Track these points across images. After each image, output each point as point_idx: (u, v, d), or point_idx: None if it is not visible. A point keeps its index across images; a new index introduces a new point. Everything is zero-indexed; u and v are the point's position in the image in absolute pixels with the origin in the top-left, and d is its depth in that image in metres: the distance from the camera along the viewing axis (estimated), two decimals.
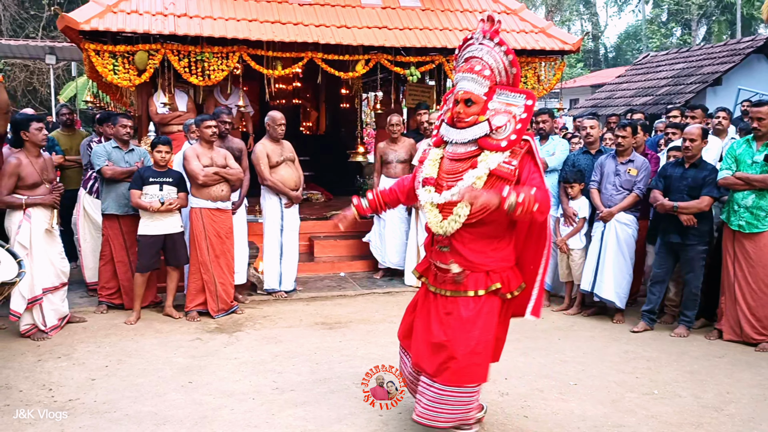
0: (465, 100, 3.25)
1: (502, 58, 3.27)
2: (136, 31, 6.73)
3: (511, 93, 3.28)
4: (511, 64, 3.28)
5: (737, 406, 4.16)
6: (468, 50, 3.37)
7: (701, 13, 30.96)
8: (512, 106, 3.25)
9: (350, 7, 7.90)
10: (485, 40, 3.29)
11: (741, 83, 12.56)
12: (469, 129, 3.26)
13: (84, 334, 5.44)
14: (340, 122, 12.96)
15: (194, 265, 5.96)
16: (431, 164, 3.42)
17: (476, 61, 3.29)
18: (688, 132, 5.48)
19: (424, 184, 3.40)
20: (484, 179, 3.20)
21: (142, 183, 5.76)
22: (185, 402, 4.12)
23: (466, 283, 3.32)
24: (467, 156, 3.29)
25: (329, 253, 8.09)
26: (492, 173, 3.20)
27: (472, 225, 3.25)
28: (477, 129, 3.25)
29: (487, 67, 3.26)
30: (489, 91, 3.27)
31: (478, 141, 3.26)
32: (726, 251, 5.44)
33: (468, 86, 3.25)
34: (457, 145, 3.32)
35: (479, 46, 3.31)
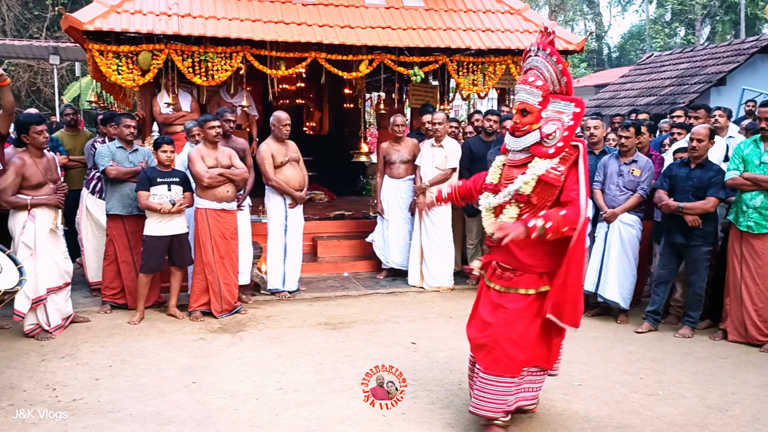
0: (521, 110, 3.48)
1: (554, 68, 3.47)
2: (140, 31, 6.74)
3: (563, 101, 3.48)
4: (562, 73, 3.47)
5: (742, 407, 4.15)
6: (527, 62, 3.59)
7: (705, 13, 30.89)
8: (562, 113, 3.45)
9: (354, 7, 7.90)
10: (540, 51, 3.50)
11: (745, 83, 12.53)
12: (523, 137, 3.49)
13: (88, 334, 5.45)
14: (344, 122, 12.97)
15: (198, 266, 5.96)
16: (494, 171, 3.67)
17: (532, 72, 3.52)
18: (695, 132, 5.46)
19: (485, 190, 3.67)
20: (532, 184, 3.41)
21: (149, 184, 5.76)
22: (189, 402, 4.12)
23: (518, 281, 3.51)
24: (522, 162, 3.51)
25: (333, 254, 8.09)
26: (540, 179, 3.40)
27: None
28: (530, 137, 3.46)
29: (540, 78, 3.48)
30: (543, 101, 3.48)
31: (531, 148, 3.46)
32: (732, 252, 5.41)
33: (523, 97, 3.49)
34: (515, 152, 3.55)
35: (535, 58, 3.53)
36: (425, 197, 7.02)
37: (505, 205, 3.52)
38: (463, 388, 4.34)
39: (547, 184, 3.40)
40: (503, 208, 3.53)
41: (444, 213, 7.07)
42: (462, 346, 5.17)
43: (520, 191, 3.43)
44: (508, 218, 3.48)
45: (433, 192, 4.07)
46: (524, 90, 3.49)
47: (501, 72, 8.07)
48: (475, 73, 8.03)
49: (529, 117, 3.46)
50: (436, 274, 7.09)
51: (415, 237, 7.20)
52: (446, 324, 5.89)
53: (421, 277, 7.16)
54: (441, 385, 4.42)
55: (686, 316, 5.63)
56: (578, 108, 3.43)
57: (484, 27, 8.13)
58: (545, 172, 3.39)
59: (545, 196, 3.41)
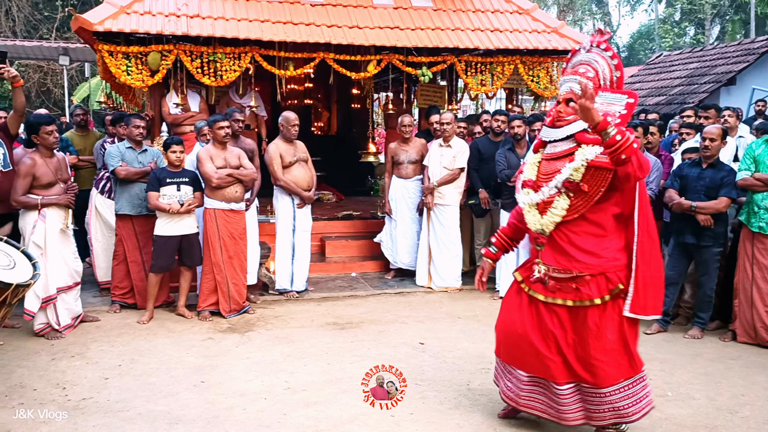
0: (567, 99, 3.40)
1: (609, 63, 3.45)
2: (149, 32, 6.77)
3: (613, 94, 3.42)
4: (616, 68, 3.44)
5: (752, 408, 4.13)
6: (575, 59, 3.58)
7: (715, 13, 30.72)
8: (612, 105, 3.38)
9: (362, 7, 7.90)
10: (593, 48, 3.49)
11: (755, 83, 12.45)
12: (566, 127, 3.39)
13: (97, 334, 5.48)
14: (352, 122, 12.98)
15: (207, 266, 5.98)
16: (530, 167, 3.56)
17: (582, 65, 3.49)
18: (708, 132, 5.41)
19: (523, 187, 3.53)
20: (582, 171, 3.27)
21: (159, 184, 5.78)
22: (198, 401, 4.14)
23: (588, 290, 3.33)
24: (565, 153, 3.39)
25: (340, 254, 8.10)
26: (590, 164, 3.26)
27: (574, 221, 3.34)
28: (574, 126, 3.37)
29: (591, 70, 3.45)
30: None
31: (576, 136, 3.35)
32: (744, 253, 5.37)
33: (572, 86, 3.39)
34: (555, 143, 3.45)
35: (587, 54, 3.51)
36: (433, 197, 7.02)
37: (551, 199, 3.36)
38: (472, 389, 4.34)
39: (598, 169, 3.24)
40: (550, 202, 3.37)
41: (452, 213, 7.07)
42: (470, 347, 5.19)
43: (571, 178, 3.28)
44: (559, 210, 3.33)
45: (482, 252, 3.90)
46: (573, 80, 3.40)
47: (509, 72, 8.05)
48: (484, 73, 8.02)
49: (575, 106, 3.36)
50: (444, 274, 7.08)
51: (423, 237, 7.20)
52: (454, 324, 5.88)
53: (429, 277, 7.16)
54: (449, 386, 4.41)
55: (696, 317, 5.60)
56: (632, 99, 3.38)
57: (492, 27, 8.12)
58: (595, 157, 3.25)
59: (597, 182, 3.25)
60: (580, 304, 3.36)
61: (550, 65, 8.26)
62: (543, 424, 3.83)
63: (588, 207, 3.30)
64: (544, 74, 8.19)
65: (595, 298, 3.32)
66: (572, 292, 3.37)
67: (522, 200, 3.52)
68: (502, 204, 6.76)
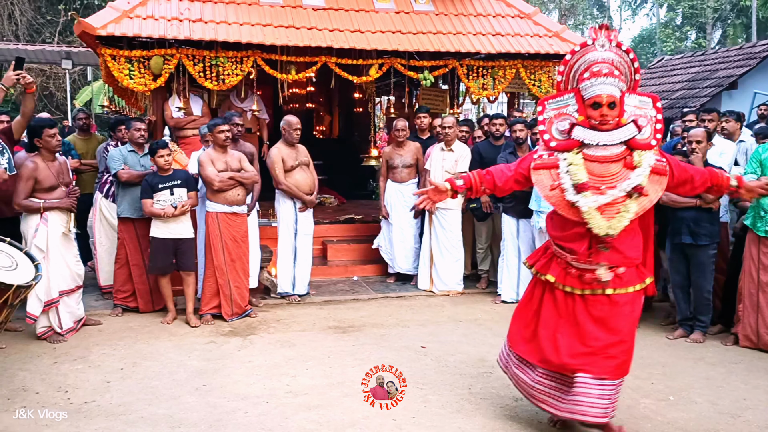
0: (610, 103, 3.39)
1: (630, 66, 3.51)
2: (152, 36, 6.79)
3: (638, 96, 3.51)
4: (636, 71, 3.51)
5: (754, 412, 4.12)
6: (590, 56, 3.52)
7: (716, 17, 30.74)
8: (643, 108, 3.48)
9: (364, 11, 7.92)
10: (611, 46, 3.49)
11: (757, 87, 12.44)
12: (616, 131, 3.43)
13: (99, 337, 5.48)
14: (354, 126, 13.00)
15: (209, 269, 5.99)
16: (578, 169, 3.45)
17: (612, 67, 3.46)
18: (693, 135, 5.42)
19: (580, 190, 3.42)
20: (647, 176, 3.40)
21: (152, 191, 5.79)
22: (200, 405, 4.14)
23: (627, 278, 3.49)
24: (619, 157, 3.44)
25: (342, 257, 8.10)
26: (652, 170, 3.41)
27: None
28: (626, 130, 3.42)
29: (621, 72, 3.48)
30: (621, 95, 3.44)
31: (630, 142, 3.43)
32: (750, 258, 5.34)
33: (611, 90, 3.39)
34: (604, 147, 3.45)
35: (605, 53, 3.49)
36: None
37: (621, 202, 3.38)
38: (473, 393, 4.34)
39: (656, 175, 3.42)
40: (617, 205, 3.38)
41: (454, 217, 7.07)
42: (472, 351, 5.18)
43: (642, 183, 3.38)
44: (631, 214, 3.38)
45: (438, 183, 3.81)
46: (610, 83, 3.39)
47: (511, 76, 8.07)
48: (485, 77, 8.03)
49: (616, 110, 3.42)
50: (445, 278, 7.08)
51: (425, 241, 7.20)
52: (456, 328, 5.88)
53: (431, 281, 7.16)
54: (451, 390, 4.41)
55: (696, 321, 5.59)
56: (658, 102, 3.51)
57: (494, 31, 8.13)
58: (655, 163, 3.42)
59: (654, 186, 3.42)
60: (592, 292, 3.50)
61: (552, 69, 8.26)
62: (541, 425, 3.83)
63: (646, 210, 3.43)
64: (545, 78, 8.20)
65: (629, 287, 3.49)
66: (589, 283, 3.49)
67: (585, 204, 3.39)
68: (504, 208, 6.76)
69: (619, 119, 3.42)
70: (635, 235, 3.53)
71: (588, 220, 3.40)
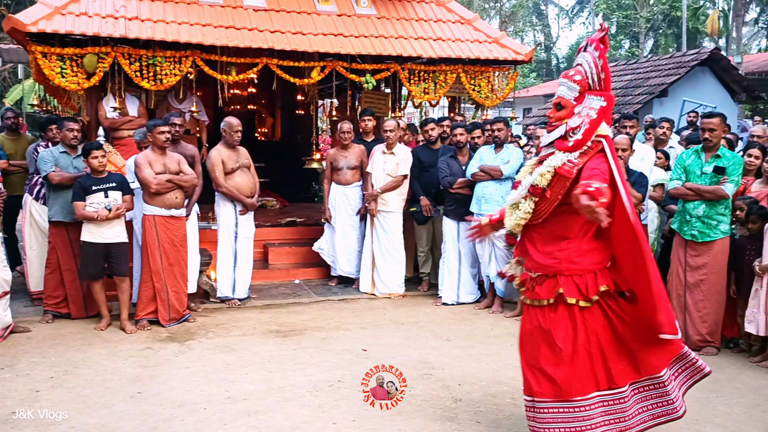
0: (556, 104, 3.40)
1: (596, 62, 3.37)
2: (85, 34, 6.58)
3: (596, 97, 3.37)
4: (602, 68, 3.37)
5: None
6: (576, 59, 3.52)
7: (649, 27, 31.89)
8: (591, 108, 3.35)
9: (305, 13, 7.88)
10: (588, 47, 3.43)
11: (686, 95, 12.96)
12: (553, 132, 3.41)
13: (28, 345, 5.28)
14: (296, 129, 12.91)
15: (146, 274, 5.84)
16: (525, 170, 3.55)
17: (573, 67, 3.44)
18: (617, 142, 5.55)
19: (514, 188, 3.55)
20: (548, 177, 3.30)
21: (84, 193, 5.60)
22: (134, 413, 4.03)
23: (539, 290, 3.37)
24: (546, 158, 3.41)
25: (284, 261, 8.03)
26: (557, 171, 3.29)
27: (540, 225, 3.37)
28: (556, 131, 3.39)
29: (579, 73, 3.38)
30: (579, 96, 3.37)
31: (555, 142, 3.39)
32: (677, 260, 5.53)
33: (561, 91, 3.39)
34: (546, 148, 3.47)
35: (583, 54, 3.45)
36: (377, 204, 7.05)
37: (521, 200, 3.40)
38: (414, 395, 4.36)
39: (561, 177, 3.28)
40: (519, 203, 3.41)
41: (395, 220, 7.11)
42: (413, 353, 5.22)
43: (535, 183, 3.32)
44: (523, 213, 3.34)
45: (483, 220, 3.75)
46: (564, 84, 3.41)
47: (452, 80, 8.16)
48: (427, 81, 8.11)
49: (563, 112, 3.37)
50: (387, 281, 7.11)
51: (366, 244, 7.21)
52: (397, 330, 5.91)
53: (373, 284, 7.17)
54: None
55: None
56: (605, 102, 3.35)
57: (435, 36, 8.22)
58: (561, 165, 3.28)
59: (558, 190, 3.28)
60: (535, 303, 3.40)
61: (492, 74, 8.41)
62: (480, 425, 3.89)
63: (549, 212, 3.32)
64: (485, 83, 8.33)
65: (543, 299, 3.36)
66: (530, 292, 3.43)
67: (507, 200, 3.53)
68: (445, 211, 6.83)
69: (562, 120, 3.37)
70: (566, 242, 3.33)
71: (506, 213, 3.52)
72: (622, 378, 3.30)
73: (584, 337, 3.28)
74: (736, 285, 5.39)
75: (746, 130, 9.02)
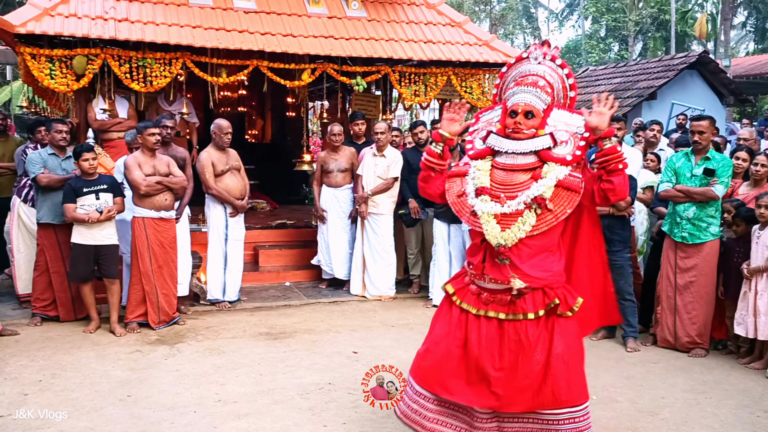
0: (526, 112, 3.25)
1: (564, 80, 3.34)
2: (75, 35, 6.55)
3: (569, 113, 3.33)
4: (571, 88, 3.36)
5: (671, 410, 4.30)
6: (523, 68, 3.41)
7: (637, 30, 32.06)
8: (570, 125, 3.28)
9: (296, 15, 7.88)
10: (546, 60, 3.36)
11: (674, 98, 13.03)
12: (530, 140, 3.26)
13: (16, 348, 5.24)
14: (286, 131, 12.89)
15: (135, 276, 5.81)
16: (482, 174, 3.33)
17: (538, 78, 3.33)
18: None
19: (479, 194, 3.30)
20: (552, 189, 3.19)
21: (75, 195, 5.56)
22: (123, 416, 4.01)
23: (523, 304, 3.21)
24: (527, 167, 3.26)
25: (274, 263, 8.02)
26: (559, 184, 3.20)
27: (532, 236, 3.20)
28: (539, 141, 3.25)
29: (548, 86, 3.32)
30: (547, 109, 3.30)
31: (540, 153, 3.25)
32: (667, 262, 5.56)
33: (529, 99, 3.27)
34: (514, 155, 3.29)
35: (538, 66, 3.36)
36: (367, 206, 7.05)
37: (520, 213, 3.20)
38: None
39: (566, 190, 3.19)
40: (516, 216, 3.20)
41: (386, 222, 7.11)
42: (403, 356, 5.20)
43: (543, 195, 3.17)
44: (527, 226, 3.18)
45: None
46: (530, 92, 3.28)
47: (442, 83, 8.18)
48: (417, 83, 8.12)
49: (534, 121, 3.25)
50: (378, 283, 7.11)
51: (357, 246, 7.21)
52: (387, 333, 5.91)
53: (363, 286, 7.17)
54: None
55: (627, 326, 5.59)
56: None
57: (425, 39, 8.23)
58: (564, 178, 3.18)
59: (561, 202, 3.18)
60: (513, 317, 3.23)
61: (482, 77, 8.43)
62: None
63: (551, 226, 3.19)
64: (476, 86, 8.36)
65: (529, 312, 3.20)
66: (506, 306, 3.25)
67: (481, 209, 3.26)
68: (435, 213, 6.84)
69: (537, 130, 3.26)
70: (548, 255, 3.26)
71: (483, 226, 3.25)
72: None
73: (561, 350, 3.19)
74: (724, 287, 5.43)
75: (734, 133, 9.11)
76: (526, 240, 3.21)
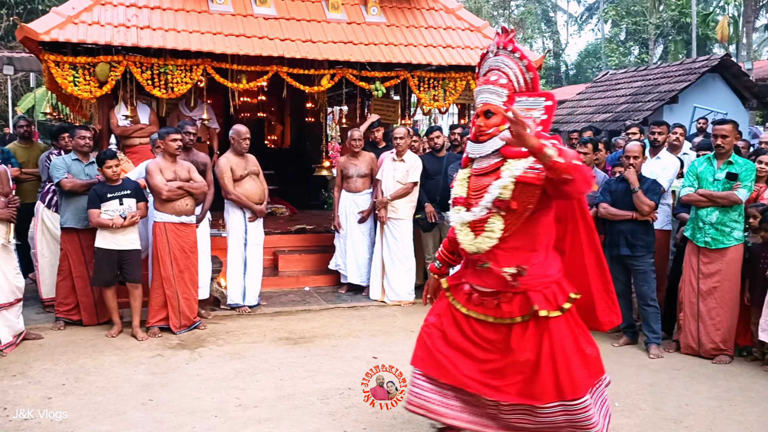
0: (484, 112, 3.19)
1: (519, 64, 3.22)
2: (98, 43, 6.63)
3: (530, 98, 3.20)
4: (527, 69, 3.22)
5: (696, 417, 4.24)
6: (485, 64, 3.34)
7: (658, 33, 31.83)
8: (532, 110, 3.16)
9: (315, 21, 7.92)
10: (500, 50, 3.27)
11: (696, 101, 12.90)
12: (490, 141, 3.18)
13: (40, 352, 5.30)
14: (305, 136, 12.95)
15: (157, 281, 5.86)
16: (460, 184, 3.33)
17: (491, 72, 3.26)
18: (630, 150, 5.55)
19: (454, 204, 3.32)
20: (510, 188, 3.06)
21: (100, 201, 5.64)
22: (145, 420, 4.04)
23: (510, 309, 3.18)
24: (492, 168, 3.18)
25: (294, 268, 8.04)
26: (518, 180, 3.05)
27: (503, 240, 3.14)
28: (498, 140, 3.15)
29: (503, 76, 3.22)
30: (508, 100, 3.18)
31: (501, 151, 3.14)
32: (689, 267, 5.49)
33: (486, 97, 3.20)
34: (482, 159, 3.23)
35: (495, 58, 3.29)
36: (387, 211, 7.05)
37: (486, 219, 3.15)
38: None
39: (526, 185, 3.03)
40: (484, 222, 3.16)
41: (405, 227, 7.10)
42: None
43: (501, 197, 3.07)
44: (497, 232, 3.11)
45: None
46: (487, 90, 3.21)
47: (461, 88, 8.17)
48: (436, 88, 8.11)
49: (494, 119, 3.16)
50: (397, 288, 7.10)
51: (376, 251, 7.21)
52: (408, 338, 5.89)
53: (383, 291, 7.17)
54: (402, 400, 4.40)
55: (650, 332, 5.56)
56: (549, 101, 3.17)
57: (444, 43, 8.23)
58: (522, 173, 3.04)
59: (525, 199, 3.05)
60: (500, 321, 3.22)
61: None
62: None
63: (518, 225, 3.11)
64: None
65: (516, 317, 3.18)
66: (493, 309, 3.23)
67: (453, 219, 3.30)
68: None
69: (499, 127, 3.15)
70: (529, 254, 3.18)
71: (457, 236, 3.26)
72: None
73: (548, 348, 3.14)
74: (750, 293, 5.35)
75: (757, 137, 8.98)
76: (500, 243, 3.16)
